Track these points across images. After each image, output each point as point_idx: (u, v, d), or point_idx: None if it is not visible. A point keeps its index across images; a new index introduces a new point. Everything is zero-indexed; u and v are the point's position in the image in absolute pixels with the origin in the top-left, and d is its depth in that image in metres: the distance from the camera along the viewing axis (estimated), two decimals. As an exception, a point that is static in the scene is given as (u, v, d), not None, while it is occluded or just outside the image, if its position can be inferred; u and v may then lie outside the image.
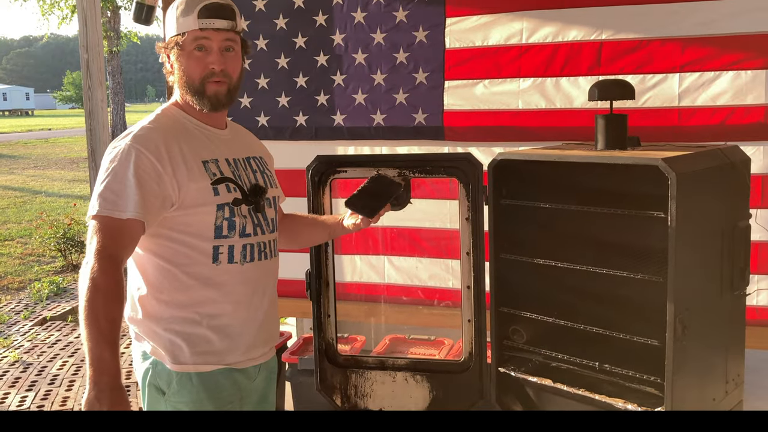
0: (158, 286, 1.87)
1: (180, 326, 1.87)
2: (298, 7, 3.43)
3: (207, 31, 1.86)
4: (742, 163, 2.45)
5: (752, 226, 2.46)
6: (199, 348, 1.87)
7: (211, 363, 1.89)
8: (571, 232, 2.71)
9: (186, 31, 1.87)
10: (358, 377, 2.84)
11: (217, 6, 1.88)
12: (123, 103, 20.46)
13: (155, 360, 1.89)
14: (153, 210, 1.78)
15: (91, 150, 4.91)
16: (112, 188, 1.76)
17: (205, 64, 1.88)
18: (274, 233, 2.03)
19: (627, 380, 2.37)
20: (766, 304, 2.93)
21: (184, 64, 1.89)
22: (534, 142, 3.03)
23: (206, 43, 1.88)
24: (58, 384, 4.60)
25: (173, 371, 1.87)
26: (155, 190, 1.78)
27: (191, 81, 1.89)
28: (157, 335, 1.88)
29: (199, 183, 1.84)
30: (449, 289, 3.38)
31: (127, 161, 1.77)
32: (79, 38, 4.89)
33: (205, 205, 1.85)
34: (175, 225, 1.84)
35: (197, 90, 1.89)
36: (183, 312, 1.87)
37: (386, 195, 2.23)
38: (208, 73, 1.88)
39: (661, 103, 2.96)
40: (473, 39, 3.20)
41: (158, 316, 1.88)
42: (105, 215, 1.74)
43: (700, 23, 2.87)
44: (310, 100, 3.48)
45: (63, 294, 6.87)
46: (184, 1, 1.89)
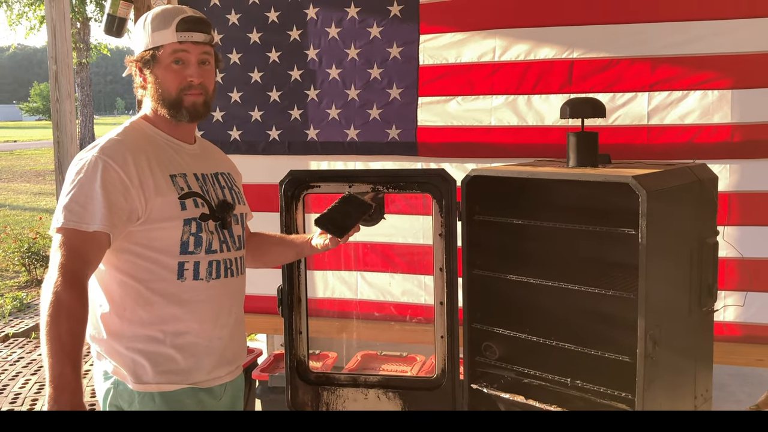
0: (121, 303, 1.83)
1: (143, 345, 1.82)
2: (272, 22, 3.42)
3: (185, 44, 1.85)
4: (709, 181, 2.49)
5: (719, 242, 2.51)
6: (162, 367, 1.83)
7: (174, 382, 1.85)
8: (543, 249, 2.73)
9: (163, 44, 1.85)
10: (330, 395, 2.80)
11: (194, 19, 1.87)
12: (92, 115, 20.20)
13: (117, 380, 1.84)
14: (119, 223, 1.75)
15: (59, 163, 4.82)
16: (78, 200, 1.73)
17: (183, 76, 1.87)
18: (240, 250, 2.01)
19: (598, 396, 2.38)
20: (733, 319, 2.98)
21: (161, 77, 1.87)
22: (506, 159, 3.06)
23: (184, 56, 1.86)
24: (20, 403, 4.47)
25: (135, 391, 1.82)
26: (122, 203, 1.75)
27: (168, 93, 1.87)
28: (119, 354, 1.83)
29: (167, 197, 1.82)
30: (422, 305, 3.37)
31: (94, 173, 1.74)
32: (48, 49, 4.82)
33: (171, 220, 1.82)
34: (139, 240, 1.81)
35: (174, 102, 1.87)
36: (146, 330, 1.83)
37: (357, 215, 2.21)
38: (186, 86, 1.87)
39: (631, 121, 3.00)
40: (447, 56, 3.23)
41: (120, 334, 1.83)
42: (70, 228, 1.70)
43: (668, 44, 2.93)
44: (283, 114, 3.46)
45: (26, 310, 6.70)
46: (159, 15, 1.88)
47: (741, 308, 2.93)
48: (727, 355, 2.91)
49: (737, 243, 2.86)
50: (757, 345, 2.97)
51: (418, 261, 3.34)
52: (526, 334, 2.56)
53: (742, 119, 2.88)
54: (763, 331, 2.96)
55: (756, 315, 2.95)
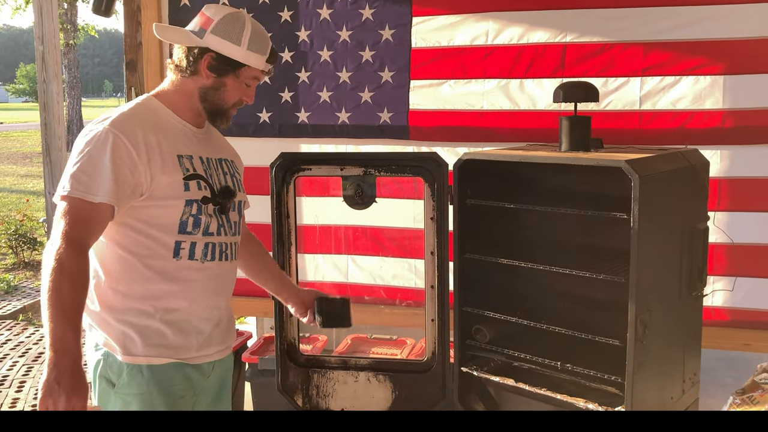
0: (116, 276, 1.86)
1: (134, 318, 1.85)
2: (263, 3, 3.38)
3: (263, 74, 2.00)
4: (701, 167, 2.50)
5: (709, 228, 2.52)
6: (151, 341, 1.86)
7: (163, 356, 1.87)
8: (534, 233, 2.74)
9: (252, 65, 1.94)
10: (320, 377, 2.81)
11: (275, 52, 2.01)
12: (79, 97, 20.01)
13: (107, 351, 1.86)
14: (124, 197, 1.77)
15: (46, 144, 4.77)
16: (86, 170, 1.74)
17: (246, 95, 1.99)
18: (236, 236, 2.03)
19: (588, 380, 2.39)
20: (722, 304, 3.00)
21: (229, 87, 1.95)
22: (499, 143, 3.05)
23: (255, 83, 2.00)
24: (7, 385, 4.46)
25: (124, 363, 1.84)
26: (128, 177, 1.77)
27: (224, 102, 1.96)
28: (110, 326, 1.86)
29: (172, 176, 1.84)
30: (412, 288, 3.37)
31: (104, 145, 1.76)
32: (35, 30, 4.75)
33: (173, 199, 1.84)
34: (140, 215, 1.83)
35: (222, 111, 1.97)
36: (137, 304, 1.85)
37: (346, 311, 2.36)
38: (239, 103, 1.99)
39: (623, 106, 3.00)
40: (439, 39, 3.20)
41: (113, 306, 1.86)
42: (76, 197, 1.72)
43: (661, 29, 2.92)
44: (274, 96, 3.43)
45: (14, 292, 6.66)
46: (258, 35, 1.95)
47: (730, 293, 2.95)
48: (715, 339, 2.93)
49: (727, 228, 2.87)
50: (745, 329, 2.99)
51: (408, 245, 3.34)
52: (516, 318, 2.57)
53: (734, 105, 2.88)
54: (750, 315, 2.99)
55: (744, 300, 2.97)
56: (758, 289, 2.95)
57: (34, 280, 7.07)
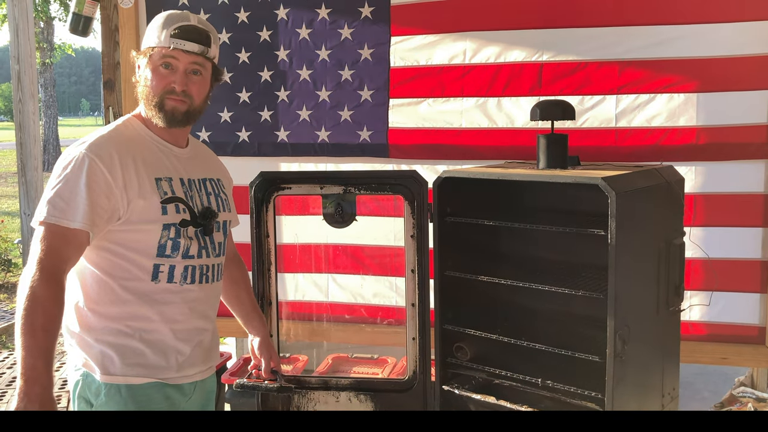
0: (95, 298, 1.85)
1: (112, 337, 1.84)
2: (242, 22, 3.39)
3: (176, 51, 1.87)
4: (677, 183, 2.54)
5: (686, 243, 2.55)
6: (130, 359, 1.84)
7: (141, 375, 1.85)
8: (514, 250, 2.75)
9: (157, 46, 1.88)
10: (301, 398, 2.78)
11: (191, 28, 1.89)
12: (56, 116, 19.81)
13: (86, 372, 1.85)
14: (100, 222, 1.76)
15: (21, 164, 4.72)
16: (62, 196, 1.74)
17: (168, 81, 1.88)
18: (219, 257, 2.01)
19: (568, 396, 2.40)
20: (699, 319, 3.03)
21: (148, 77, 1.89)
22: (477, 161, 3.07)
23: (173, 62, 1.88)
24: (-19, 410, 4.35)
25: (102, 383, 1.83)
26: (104, 202, 1.76)
27: (151, 94, 1.89)
28: (90, 346, 1.85)
29: (149, 200, 1.83)
30: (393, 306, 3.37)
31: (80, 170, 1.76)
32: (11, 49, 4.72)
33: (151, 223, 1.83)
34: (118, 239, 1.82)
35: (156, 104, 1.89)
36: (115, 324, 1.84)
37: None
38: (169, 90, 1.88)
39: (599, 124, 3.04)
40: (417, 58, 3.23)
41: (91, 327, 1.85)
42: (52, 222, 1.72)
43: (635, 47, 2.97)
44: (253, 115, 3.43)
45: (-12, 314, 6.53)
46: (166, 16, 1.91)
47: (706, 308, 2.99)
48: (693, 353, 2.96)
49: (703, 243, 2.91)
50: (722, 344, 3.03)
51: (389, 263, 3.34)
52: (497, 335, 2.58)
53: (708, 122, 2.93)
54: (727, 329, 3.02)
55: (720, 314, 3.01)
56: (734, 303, 2.99)
57: (8, 303, 6.94)
